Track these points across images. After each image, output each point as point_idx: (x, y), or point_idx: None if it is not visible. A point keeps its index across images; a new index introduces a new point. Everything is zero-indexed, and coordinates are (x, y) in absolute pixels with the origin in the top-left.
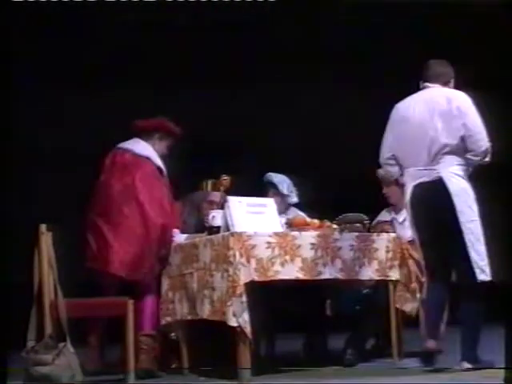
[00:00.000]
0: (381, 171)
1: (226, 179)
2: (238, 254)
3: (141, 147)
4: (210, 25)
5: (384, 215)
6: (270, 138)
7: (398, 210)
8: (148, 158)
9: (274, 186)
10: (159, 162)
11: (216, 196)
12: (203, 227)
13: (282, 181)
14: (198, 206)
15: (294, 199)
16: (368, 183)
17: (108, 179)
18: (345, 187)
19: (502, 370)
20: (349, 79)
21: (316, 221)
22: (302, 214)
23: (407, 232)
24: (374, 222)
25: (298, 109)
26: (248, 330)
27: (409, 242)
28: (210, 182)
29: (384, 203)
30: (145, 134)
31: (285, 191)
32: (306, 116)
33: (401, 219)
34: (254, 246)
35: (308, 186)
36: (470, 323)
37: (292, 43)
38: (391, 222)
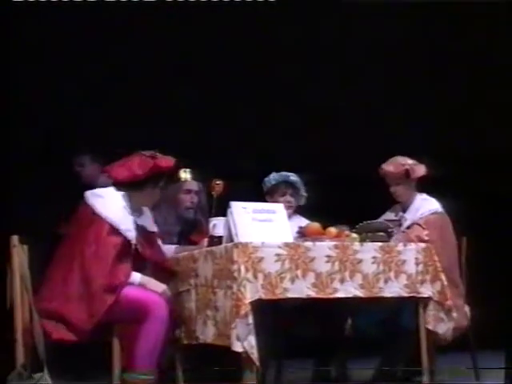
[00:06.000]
0: (386, 167)
1: (218, 184)
2: (243, 268)
3: (102, 203)
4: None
5: (388, 216)
6: (270, 140)
7: (406, 208)
8: (105, 220)
9: (294, 186)
10: (118, 224)
11: (193, 184)
12: (186, 222)
13: (298, 180)
14: (175, 200)
15: (303, 202)
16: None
17: (69, 233)
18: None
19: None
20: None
21: (333, 229)
22: (305, 220)
23: None
24: None
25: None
26: (255, 355)
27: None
28: (184, 171)
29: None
30: (129, 186)
31: (302, 192)
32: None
33: (408, 217)
34: (261, 259)
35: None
36: None
37: (292, 43)
38: (399, 222)
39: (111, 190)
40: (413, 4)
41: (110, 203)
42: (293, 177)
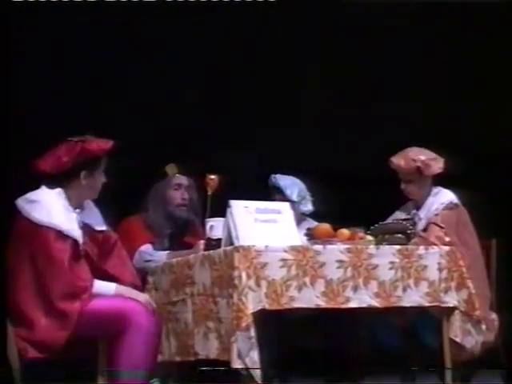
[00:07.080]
0: (396, 160)
1: (212, 178)
2: (244, 274)
3: (38, 210)
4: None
5: (399, 215)
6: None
7: (420, 206)
8: (48, 227)
9: (279, 190)
10: (60, 225)
11: (182, 179)
12: (177, 222)
13: (292, 184)
14: (164, 197)
15: (308, 207)
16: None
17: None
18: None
19: None
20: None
21: (345, 231)
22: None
23: None
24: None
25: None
26: (257, 372)
27: None
28: (171, 166)
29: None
30: (61, 179)
31: (294, 197)
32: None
33: (422, 214)
34: (264, 265)
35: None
36: None
37: (292, 43)
38: (413, 221)
39: (43, 189)
40: (413, 4)
41: (46, 206)
42: (282, 181)
